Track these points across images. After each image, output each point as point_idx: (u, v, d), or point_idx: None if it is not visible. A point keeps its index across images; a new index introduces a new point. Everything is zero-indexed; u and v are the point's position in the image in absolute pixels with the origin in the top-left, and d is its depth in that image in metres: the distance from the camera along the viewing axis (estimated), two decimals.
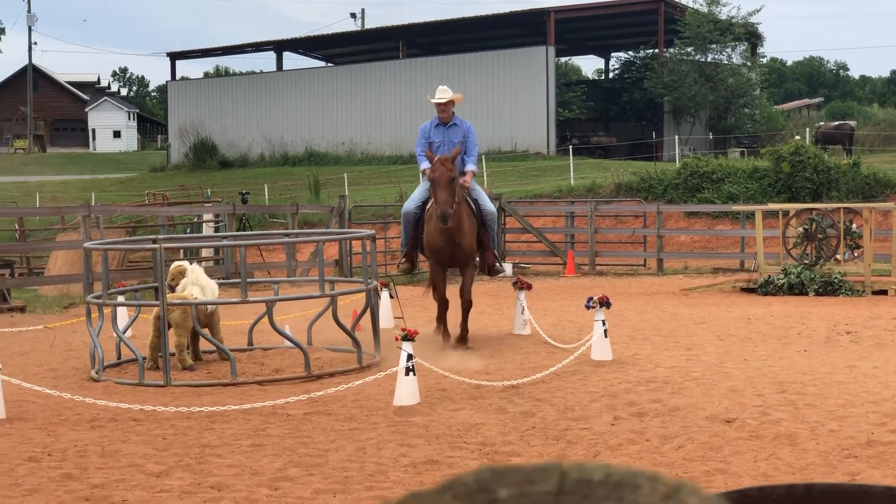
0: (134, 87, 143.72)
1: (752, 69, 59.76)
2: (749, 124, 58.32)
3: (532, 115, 56.23)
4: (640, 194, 36.38)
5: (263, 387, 11.23)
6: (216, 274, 20.95)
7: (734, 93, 57.49)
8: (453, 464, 7.84)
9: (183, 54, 72.67)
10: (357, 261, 24.31)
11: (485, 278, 25.59)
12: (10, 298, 20.03)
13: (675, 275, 25.33)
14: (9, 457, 8.19)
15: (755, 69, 60.44)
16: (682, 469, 7.52)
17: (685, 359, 12.37)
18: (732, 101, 57.68)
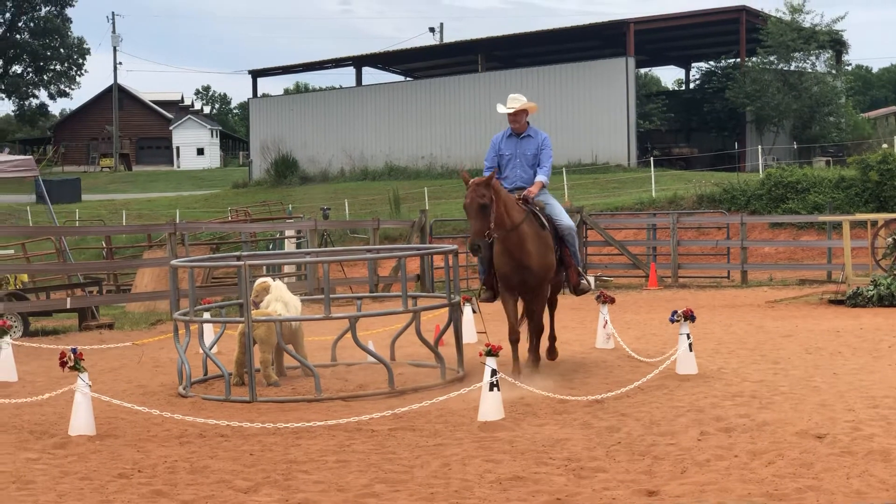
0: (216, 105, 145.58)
1: (837, 77, 58.91)
2: (834, 133, 57.44)
3: (612, 126, 55.93)
4: (723, 205, 36.01)
5: (347, 402, 11.26)
6: (299, 290, 21.11)
7: (819, 101, 56.65)
8: (539, 480, 7.80)
9: (264, 71, 73.43)
10: (439, 275, 24.33)
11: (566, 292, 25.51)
12: (98, 315, 20.35)
13: (759, 287, 25.01)
14: (99, 473, 8.30)
15: (840, 77, 59.58)
16: (772, 486, 7.40)
17: (772, 373, 12.19)
18: (817, 109, 56.85)
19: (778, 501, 7.04)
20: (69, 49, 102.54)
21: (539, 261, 12.01)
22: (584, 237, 27.92)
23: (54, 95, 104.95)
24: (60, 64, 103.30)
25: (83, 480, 8.09)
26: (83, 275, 22.83)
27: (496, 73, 62.68)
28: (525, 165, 12.73)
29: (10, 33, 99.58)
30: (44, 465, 8.62)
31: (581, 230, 27.82)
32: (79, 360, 9.92)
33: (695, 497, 7.20)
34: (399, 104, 64.13)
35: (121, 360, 14.95)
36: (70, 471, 8.42)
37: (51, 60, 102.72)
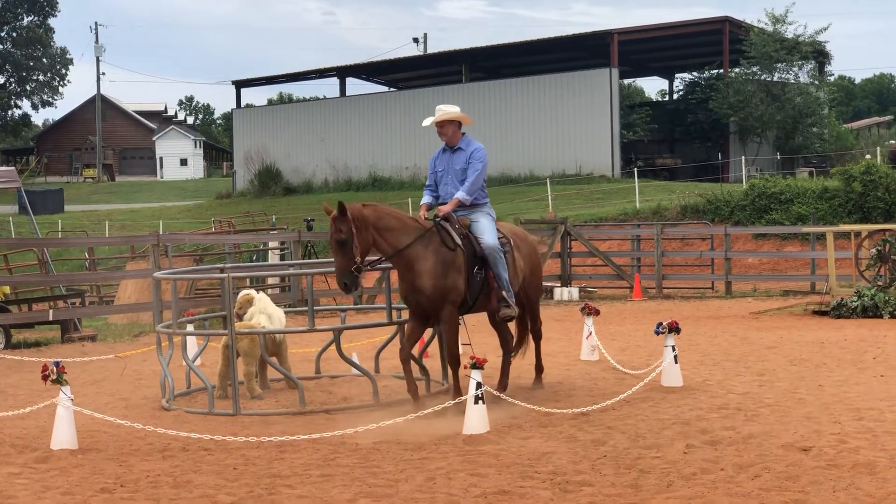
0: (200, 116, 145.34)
1: (820, 88, 59.10)
2: (818, 144, 57.62)
3: (596, 137, 56.00)
4: (707, 216, 36.08)
5: (332, 415, 11.21)
6: (283, 301, 21.05)
7: (802, 112, 56.82)
8: (524, 494, 7.76)
9: (247, 82, 73.37)
10: None
11: (550, 303, 25.51)
12: (80, 327, 20.26)
13: (743, 298, 25.05)
14: (82, 488, 8.23)
15: (823, 88, 59.78)
16: (758, 500, 7.37)
17: (758, 384, 12.18)
18: (800, 120, 57.02)
19: None
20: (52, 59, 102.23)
21: (432, 282, 10.94)
22: (568, 248, 27.93)
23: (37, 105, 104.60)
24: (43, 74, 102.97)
25: (65, 495, 8.02)
26: (66, 286, 22.73)
27: (480, 83, 62.74)
28: (455, 181, 11.76)
29: None
30: (25, 480, 8.54)
31: (565, 241, 27.83)
32: (61, 374, 9.84)
33: None
34: (383, 115, 64.11)
35: (103, 373, 14.86)
36: (52, 485, 8.35)
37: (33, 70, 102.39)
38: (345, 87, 69.42)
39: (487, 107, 60.16)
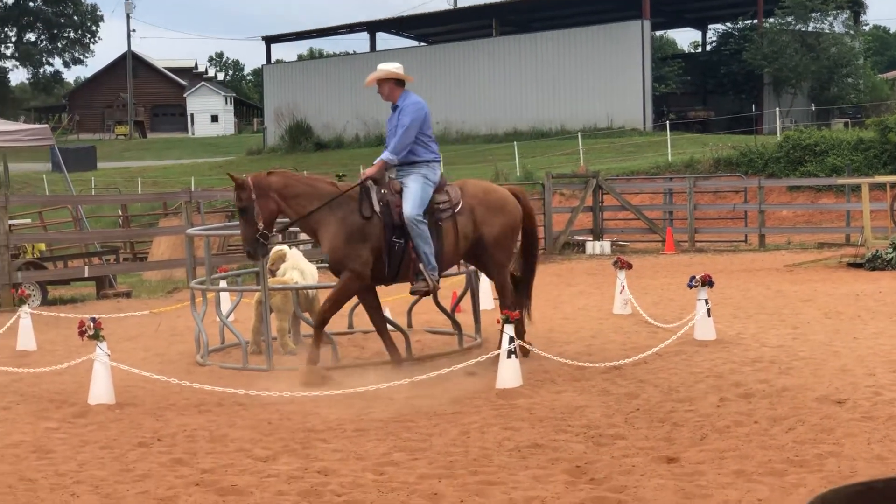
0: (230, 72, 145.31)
1: (855, 38, 58.42)
2: (853, 94, 57.04)
3: (628, 90, 55.64)
4: (740, 169, 35.83)
5: (365, 370, 11.25)
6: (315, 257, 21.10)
7: (837, 62, 56.21)
8: (558, 447, 7.78)
9: (278, 38, 73.24)
10: None
11: (582, 257, 25.49)
12: (115, 284, 20.41)
13: (777, 250, 24.92)
14: (119, 442, 8.32)
15: (858, 37, 59.09)
16: (792, 452, 7.36)
17: (792, 338, 12.14)
18: (835, 70, 56.42)
19: (798, 467, 7.00)
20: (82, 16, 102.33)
21: (330, 248, 10.69)
22: (600, 202, 27.83)
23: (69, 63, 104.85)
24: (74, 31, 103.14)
25: (103, 449, 8.11)
26: (100, 243, 22.88)
27: (511, 37, 62.39)
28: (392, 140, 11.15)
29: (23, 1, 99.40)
30: (63, 434, 8.65)
31: (597, 195, 27.73)
32: (98, 329, 9.93)
33: (715, 463, 7.18)
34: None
35: (139, 329, 14.98)
36: (90, 440, 8.44)
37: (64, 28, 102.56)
38: (375, 42, 69.23)
39: (518, 61, 59.85)
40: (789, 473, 6.88)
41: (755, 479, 6.78)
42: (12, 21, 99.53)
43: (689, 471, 7.05)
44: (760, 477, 6.83)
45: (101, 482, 7.20)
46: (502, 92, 59.93)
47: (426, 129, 11.17)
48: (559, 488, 6.81)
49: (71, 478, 7.33)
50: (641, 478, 6.93)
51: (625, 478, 6.95)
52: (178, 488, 7.01)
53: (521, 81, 59.12)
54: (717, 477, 6.87)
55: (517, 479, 7.02)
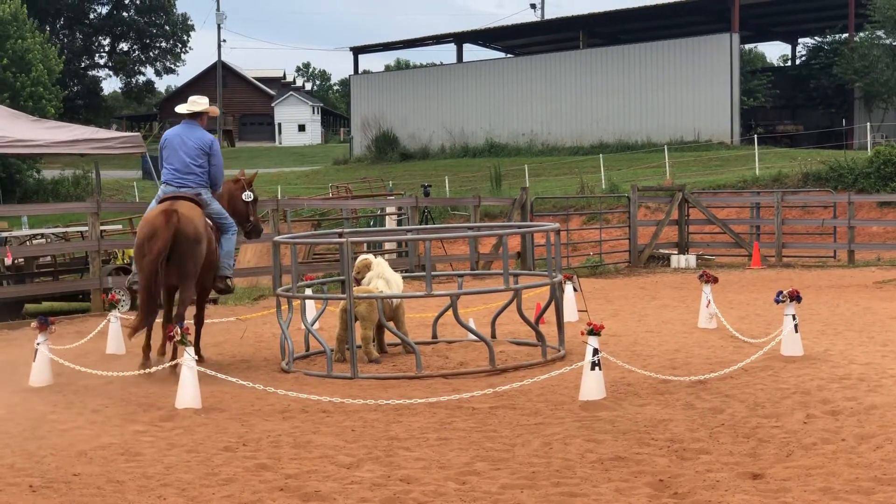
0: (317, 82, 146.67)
1: None
2: None
3: (715, 104, 55.14)
4: (830, 184, 35.29)
5: (448, 380, 11.29)
6: (400, 267, 21.22)
7: None
8: (641, 460, 7.74)
9: (365, 48, 73.74)
10: (540, 253, 24.27)
11: (667, 270, 25.32)
12: None
13: (867, 267, 24.51)
14: (205, 446, 8.44)
15: None
16: (880, 471, 7.25)
17: (881, 355, 11.93)
18: None
19: (886, 486, 6.90)
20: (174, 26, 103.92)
21: None
22: (686, 215, 27.62)
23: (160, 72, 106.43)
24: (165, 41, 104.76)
25: (190, 453, 8.24)
26: None
27: (598, 49, 62.17)
28: None
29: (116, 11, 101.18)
30: (151, 438, 8.79)
31: (683, 208, 27.53)
32: (185, 335, 10.09)
33: (801, 480, 7.09)
34: (500, 81, 63.93)
35: (225, 335, 15.17)
36: (177, 443, 8.58)
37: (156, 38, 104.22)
38: (461, 53, 69.42)
39: (605, 73, 59.62)
40: (877, 492, 6.78)
41: (842, 497, 6.70)
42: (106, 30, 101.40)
43: (775, 487, 6.98)
44: (847, 495, 6.74)
45: (187, 485, 7.31)
46: (588, 104, 59.72)
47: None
48: (642, 502, 6.78)
49: (158, 480, 7.45)
50: (726, 493, 6.87)
51: (709, 493, 6.90)
52: (262, 493, 7.09)
53: (608, 93, 58.87)
54: (802, 494, 6.79)
55: (600, 491, 7.01)
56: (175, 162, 12.40)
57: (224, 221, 12.78)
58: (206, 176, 12.49)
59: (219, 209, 12.72)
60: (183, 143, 12.41)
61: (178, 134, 12.52)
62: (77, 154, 22.87)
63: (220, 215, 12.72)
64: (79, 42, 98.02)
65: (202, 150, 12.45)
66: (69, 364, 11.46)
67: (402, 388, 10.89)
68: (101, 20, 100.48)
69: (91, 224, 18.83)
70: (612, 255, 27.46)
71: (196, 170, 12.41)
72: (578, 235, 31.81)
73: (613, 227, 30.10)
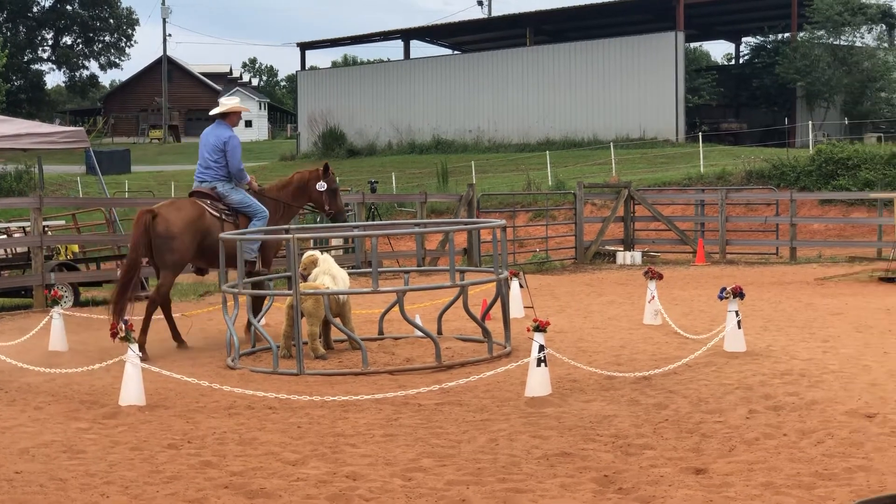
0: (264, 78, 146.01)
1: (890, 51, 58.07)
2: (886, 109, 56.67)
3: (660, 101, 55.55)
4: (772, 182, 35.67)
5: (395, 376, 11.30)
6: (346, 263, 21.19)
7: (870, 76, 55.92)
8: (586, 456, 7.79)
9: (312, 44, 73.51)
10: (486, 249, 24.32)
11: (613, 267, 25.46)
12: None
13: (808, 264, 24.81)
14: (149, 444, 8.39)
15: (893, 51, 58.74)
16: (821, 466, 7.35)
17: (822, 351, 12.09)
18: (868, 84, 56.12)
19: (827, 481, 6.99)
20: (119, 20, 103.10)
21: None
22: (631, 212, 27.79)
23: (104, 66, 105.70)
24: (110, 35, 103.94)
25: (133, 450, 8.18)
26: None
27: (544, 47, 62.41)
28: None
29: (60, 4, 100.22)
30: (94, 435, 8.72)
31: (628, 205, 27.70)
32: (129, 331, 10.01)
33: (743, 475, 7.17)
34: (447, 78, 64.01)
35: (170, 331, 15.03)
36: (120, 441, 8.52)
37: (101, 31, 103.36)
38: (409, 50, 69.40)
39: (551, 70, 59.85)
40: (818, 486, 6.87)
41: (783, 492, 6.78)
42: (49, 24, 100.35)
43: (718, 482, 7.05)
44: (789, 490, 6.82)
45: (130, 483, 7.26)
46: (535, 101, 59.91)
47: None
48: (587, 497, 6.82)
49: (101, 478, 7.39)
50: (669, 488, 6.93)
51: (653, 488, 6.95)
52: (207, 490, 7.06)
53: (554, 91, 59.11)
54: (745, 489, 6.87)
55: (545, 487, 7.04)
56: (200, 159, 14.03)
57: (248, 210, 13.88)
58: (223, 170, 13.89)
59: (240, 199, 13.88)
60: (206, 141, 14.02)
61: (205, 133, 14.18)
62: (19, 149, 22.57)
63: (241, 204, 13.88)
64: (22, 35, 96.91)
65: (218, 147, 13.89)
66: (11, 361, 11.34)
67: (348, 384, 10.88)
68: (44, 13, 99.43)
69: (33, 220, 18.62)
70: (559, 251, 27.57)
71: (213, 165, 13.89)
72: (525, 232, 31.91)
73: (560, 224, 30.22)
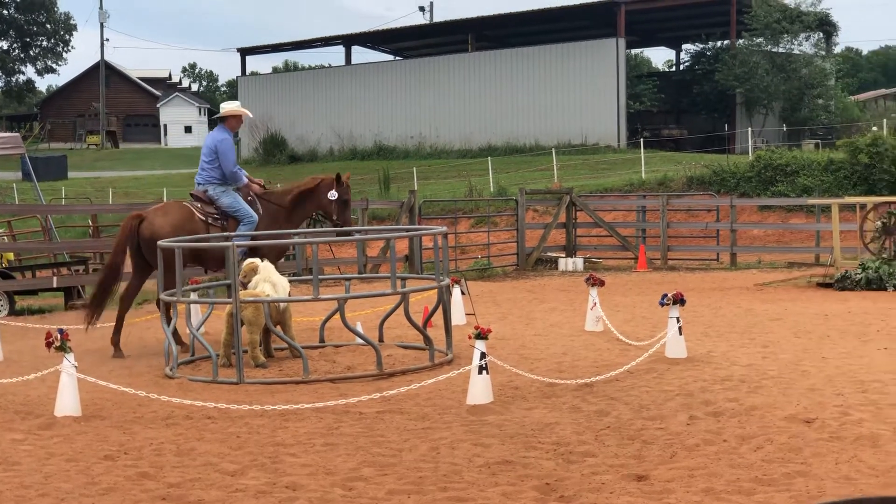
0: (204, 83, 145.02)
1: (826, 59, 58.82)
2: (824, 115, 57.42)
3: (602, 107, 55.86)
4: (713, 188, 35.97)
5: (336, 384, 11.22)
6: (287, 270, 21.04)
7: (808, 83, 56.60)
8: (528, 464, 7.76)
9: (252, 49, 73.16)
10: (428, 256, 24.28)
11: (555, 273, 25.51)
12: (84, 294, 20.25)
13: (748, 269, 25.03)
14: (85, 455, 8.25)
15: (829, 59, 59.50)
16: (760, 471, 7.37)
17: (761, 356, 12.17)
18: (806, 91, 56.81)
19: (766, 486, 7.01)
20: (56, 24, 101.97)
21: None
22: (573, 219, 27.89)
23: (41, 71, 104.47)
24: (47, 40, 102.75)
25: (69, 462, 8.04)
26: (69, 253, 22.73)
27: (486, 52, 62.54)
28: None
29: None
30: (29, 446, 8.57)
31: (570, 211, 27.79)
32: (65, 341, 9.86)
33: (684, 482, 7.18)
34: (388, 83, 63.94)
35: (107, 341, 14.80)
36: (56, 452, 8.37)
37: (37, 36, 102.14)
38: (350, 56, 69.26)
39: (493, 76, 59.99)
40: (757, 492, 6.89)
41: (723, 498, 6.79)
42: None
43: (659, 489, 7.06)
44: (729, 495, 6.84)
45: (66, 495, 7.13)
46: (477, 107, 60.02)
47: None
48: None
49: (36, 490, 7.26)
50: (611, 495, 6.92)
51: (594, 495, 6.94)
52: (143, 502, 6.96)
53: (496, 97, 59.25)
54: (685, 495, 6.88)
55: (486, 495, 7.01)
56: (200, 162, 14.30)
57: (236, 214, 14.12)
58: (216, 172, 14.06)
59: (229, 202, 14.09)
60: (205, 145, 14.29)
61: (206, 137, 14.47)
62: None
63: (230, 207, 14.11)
64: None
65: (211, 150, 14.07)
66: None
67: (288, 392, 10.79)
68: None
69: None
70: (501, 258, 27.61)
71: (206, 167, 14.10)
72: (466, 238, 31.91)
73: (501, 231, 30.27)
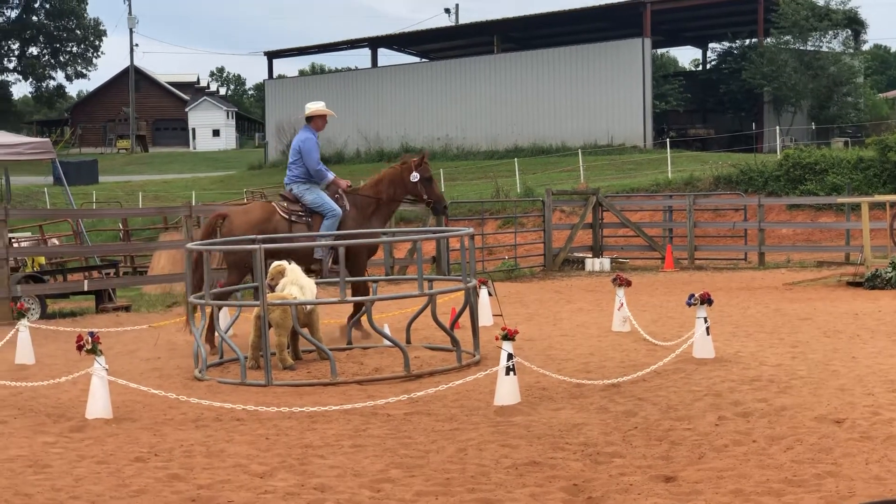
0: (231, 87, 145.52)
1: (855, 56, 58.49)
2: (853, 113, 57.10)
3: (628, 108, 55.75)
4: (740, 187, 35.85)
5: (363, 386, 11.25)
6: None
7: (836, 81, 56.31)
8: (555, 465, 7.76)
9: (280, 53, 73.42)
10: (455, 258, 24.28)
11: (581, 273, 25.47)
12: (115, 298, 20.39)
13: (777, 269, 24.91)
14: (116, 457, 8.30)
15: (858, 56, 59.16)
16: (790, 472, 7.35)
17: (790, 356, 12.12)
18: (835, 89, 56.51)
19: (796, 487, 6.99)
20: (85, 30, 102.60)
21: None
22: (599, 219, 27.84)
23: (71, 77, 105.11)
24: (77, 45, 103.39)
25: (100, 464, 8.09)
26: (100, 257, 22.87)
27: (511, 54, 62.54)
28: None
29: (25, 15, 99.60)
30: (60, 449, 8.63)
31: (597, 212, 27.75)
32: (96, 344, 9.92)
33: (713, 483, 7.16)
34: (414, 85, 64.02)
35: (137, 343, 14.95)
36: (87, 454, 8.42)
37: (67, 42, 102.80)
38: (376, 58, 69.40)
39: (519, 77, 59.97)
40: (787, 493, 6.87)
41: (753, 499, 6.77)
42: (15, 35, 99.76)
43: (687, 490, 7.04)
44: (758, 497, 6.82)
45: (97, 497, 7.18)
46: (503, 108, 60.02)
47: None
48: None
49: (67, 493, 7.31)
50: (639, 497, 6.92)
51: (622, 496, 6.94)
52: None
53: (522, 98, 59.23)
54: (714, 496, 6.86)
55: (514, 496, 7.01)
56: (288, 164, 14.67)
57: (319, 209, 14.37)
58: (300, 171, 14.41)
59: (312, 199, 14.37)
60: (291, 146, 14.68)
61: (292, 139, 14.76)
62: None
63: (313, 204, 14.38)
64: None
65: (296, 150, 14.49)
66: None
67: (316, 395, 10.82)
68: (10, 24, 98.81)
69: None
70: (527, 258, 27.59)
71: (292, 167, 14.50)
72: (493, 240, 31.88)
73: (528, 231, 30.26)
